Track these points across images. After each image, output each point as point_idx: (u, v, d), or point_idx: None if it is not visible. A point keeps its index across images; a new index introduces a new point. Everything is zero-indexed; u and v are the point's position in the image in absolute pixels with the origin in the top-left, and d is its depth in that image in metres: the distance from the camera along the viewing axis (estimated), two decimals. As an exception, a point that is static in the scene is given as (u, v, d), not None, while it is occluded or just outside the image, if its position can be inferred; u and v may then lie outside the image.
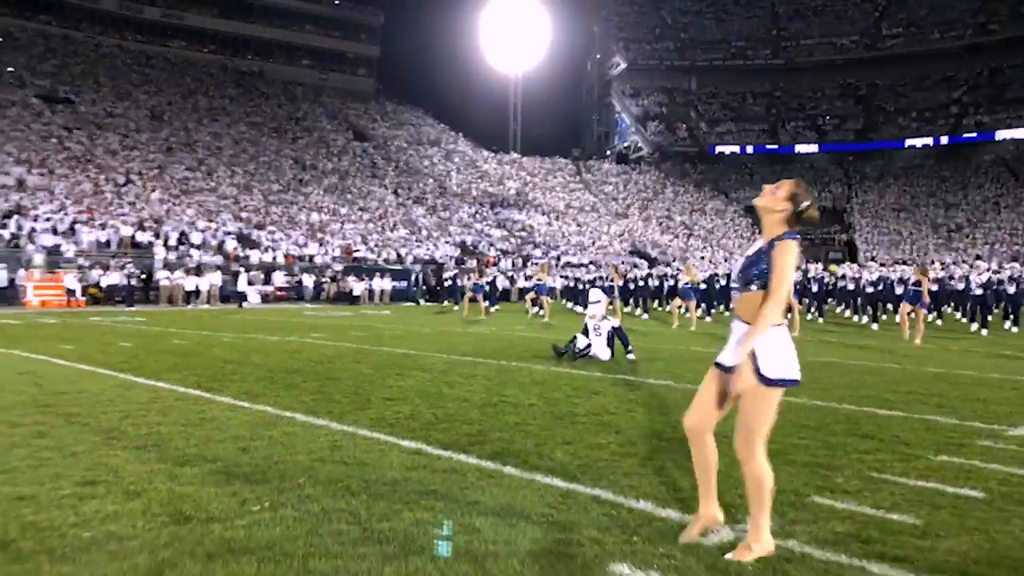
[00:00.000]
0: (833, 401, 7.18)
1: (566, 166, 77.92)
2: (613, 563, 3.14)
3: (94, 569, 3.01)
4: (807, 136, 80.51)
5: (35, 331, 15.32)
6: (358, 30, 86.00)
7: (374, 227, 47.71)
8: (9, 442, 5.19)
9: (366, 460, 4.74)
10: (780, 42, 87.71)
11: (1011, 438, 5.67)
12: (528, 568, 3.07)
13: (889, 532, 3.56)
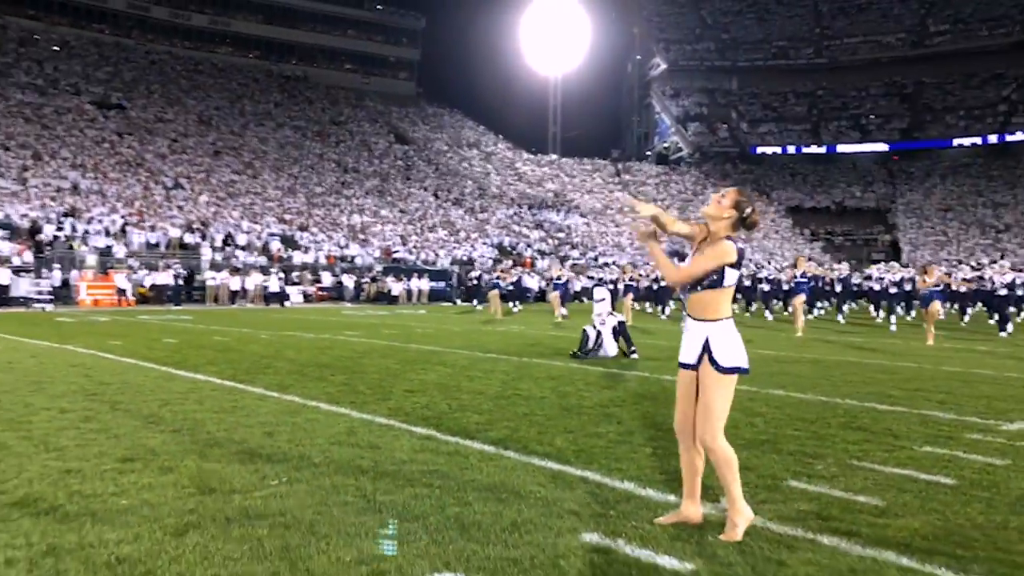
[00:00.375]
0: (837, 397, 7.41)
1: (605, 167, 77.97)
2: (586, 532, 3.48)
3: (128, 529, 3.45)
4: (850, 136, 79.41)
5: (87, 328, 16.10)
6: (399, 34, 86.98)
7: (413, 228, 48.41)
8: (60, 425, 5.71)
9: (379, 444, 5.15)
10: (823, 41, 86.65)
11: (1002, 432, 5.86)
12: (508, 534, 3.43)
13: (850, 511, 3.84)
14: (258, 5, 78.10)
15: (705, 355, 3.55)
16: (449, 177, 63.10)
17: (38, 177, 38.24)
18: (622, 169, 78.07)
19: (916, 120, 77.63)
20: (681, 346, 3.71)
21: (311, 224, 44.15)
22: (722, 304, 3.62)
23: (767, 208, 70.38)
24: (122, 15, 71.56)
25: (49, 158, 41.50)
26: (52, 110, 49.75)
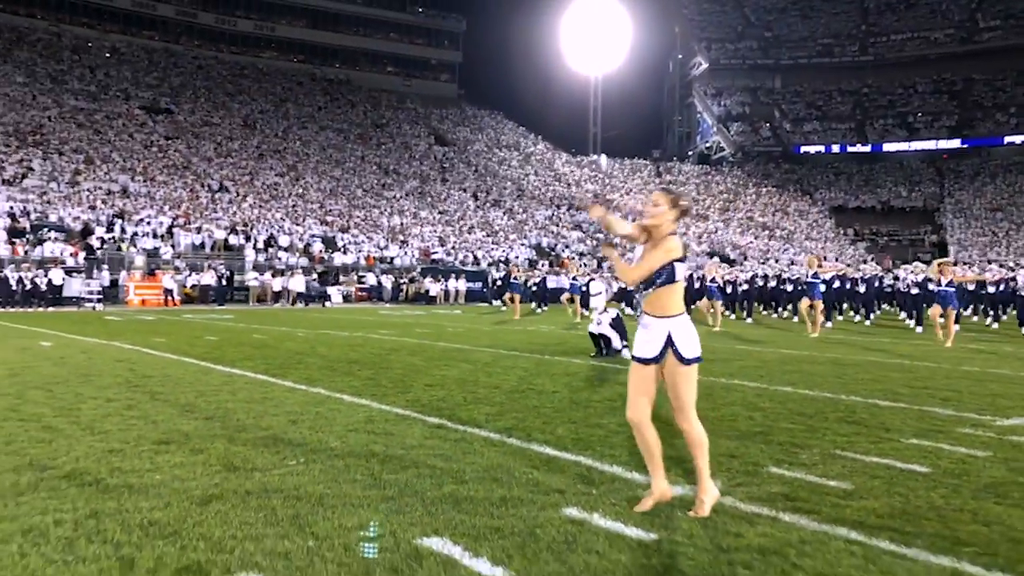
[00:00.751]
0: (843, 394, 7.63)
1: (645, 167, 77.81)
2: (567, 507, 3.83)
3: (160, 499, 3.89)
4: (897, 134, 78.11)
5: (133, 326, 16.85)
6: (441, 37, 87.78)
7: (452, 230, 49.00)
8: (105, 412, 6.23)
9: (392, 431, 5.56)
10: (869, 38, 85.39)
11: (994, 427, 6.06)
12: (495, 508, 3.79)
13: (817, 494, 4.13)
14: (302, 9, 79.46)
15: (670, 349, 3.85)
16: (488, 178, 63.63)
17: (90, 180, 39.61)
18: (663, 169, 77.84)
19: (965, 118, 76.09)
20: (636, 342, 3.99)
21: (351, 226, 44.98)
22: (678, 299, 3.92)
23: (809, 208, 69.66)
24: (171, 22, 73.42)
25: (100, 162, 42.94)
26: (103, 115, 51.39)
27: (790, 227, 64.80)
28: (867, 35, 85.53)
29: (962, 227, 63.25)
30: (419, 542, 3.31)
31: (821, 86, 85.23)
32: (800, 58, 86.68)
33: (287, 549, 3.19)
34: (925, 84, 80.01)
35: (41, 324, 17.14)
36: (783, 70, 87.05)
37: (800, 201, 70.97)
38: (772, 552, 3.25)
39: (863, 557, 3.22)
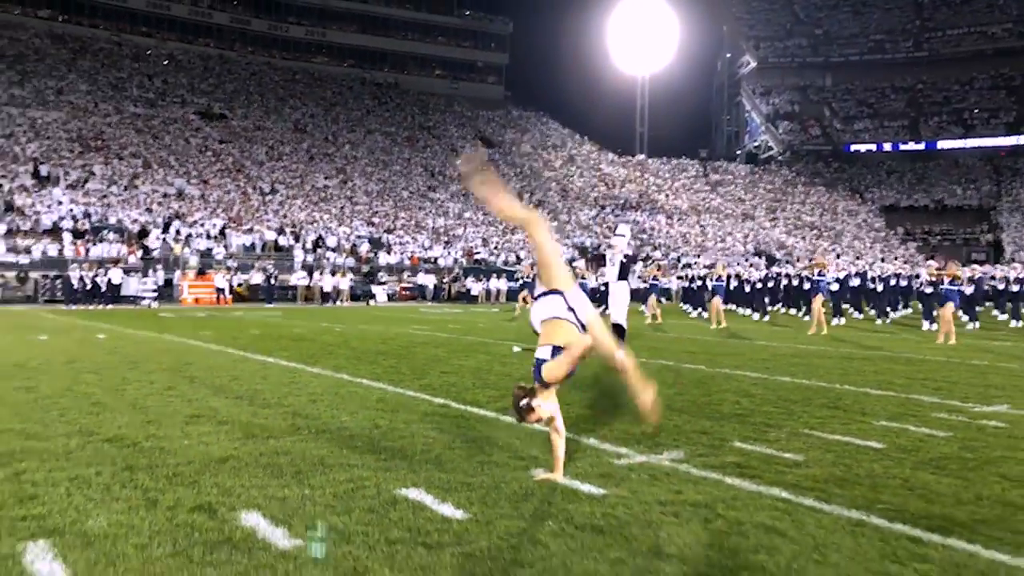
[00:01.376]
0: (837, 383, 7.98)
1: (692, 167, 77.51)
2: (535, 469, 4.34)
3: (185, 457, 4.51)
4: (952, 132, 76.46)
5: (184, 322, 17.80)
6: (488, 39, 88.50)
7: (495, 230, 49.64)
8: (147, 392, 6.93)
9: (399, 409, 6.13)
10: (923, 33, 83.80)
11: (970, 412, 6.38)
12: (473, 468, 4.33)
13: (768, 463, 4.57)
14: (352, 15, 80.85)
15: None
16: (532, 179, 64.17)
17: (147, 184, 41.23)
18: (709, 169, 77.45)
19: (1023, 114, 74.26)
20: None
21: (397, 227, 45.94)
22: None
23: (858, 208, 68.69)
24: (225, 29, 75.44)
25: (157, 166, 44.62)
26: (160, 121, 53.28)
27: (838, 227, 64.00)
28: (921, 30, 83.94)
29: (1019, 226, 61.76)
30: (397, 492, 3.86)
31: (873, 83, 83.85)
32: (851, 55, 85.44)
33: (285, 495, 3.77)
34: (982, 80, 78.17)
35: (98, 320, 18.20)
36: (833, 68, 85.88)
37: (850, 200, 70.00)
38: (703, 505, 3.72)
39: (783, 511, 3.67)
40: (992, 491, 4.05)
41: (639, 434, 5.26)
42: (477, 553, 3.04)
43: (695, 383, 7.85)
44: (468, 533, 3.30)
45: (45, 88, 51.58)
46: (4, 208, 33.01)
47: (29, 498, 3.67)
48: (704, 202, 67.61)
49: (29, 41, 59.24)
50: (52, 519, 3.39)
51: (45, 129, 44.91)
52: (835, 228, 63.50)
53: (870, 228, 65.08)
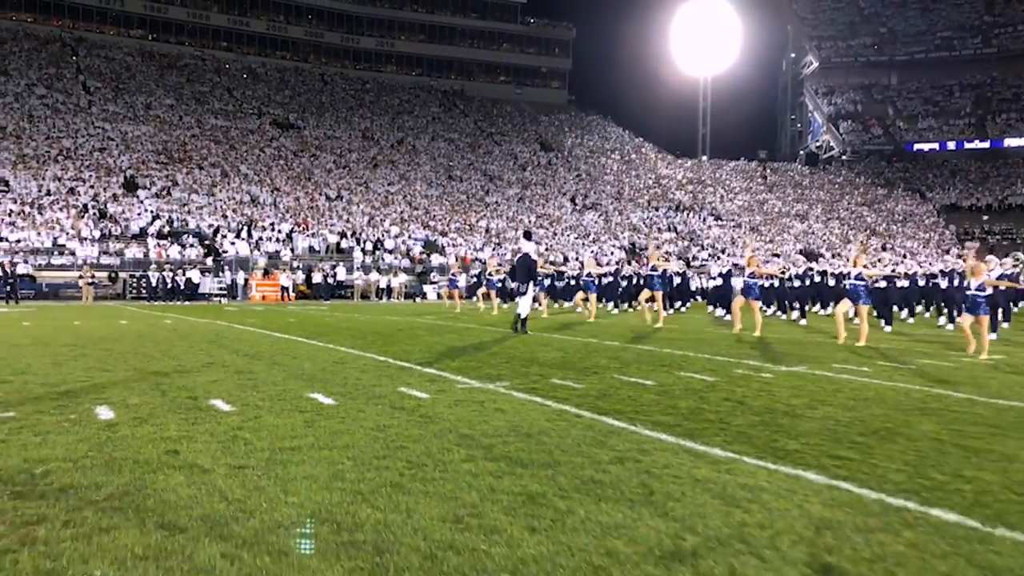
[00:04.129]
0: (688, 351, 10.24)
1: (750, 168, 78.32)
2: (401, 387, 6.88)
3: (196, 382, 7.20)
4: (1020, 129, 75.32)
5: (239, 313, 20.94)
6: (552, 45, 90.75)
7: (546, 232, 52.07)
8: (185, 351, 9.76)
9: (347, 362, 8.75)
10: (993, 29, 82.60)
11: (767, 369, 8.60)
12: (360, 385, 6.89)
13: (557, 389, 6.97)
14: (420, 25, 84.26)
15: None
16: (588, 182, 66.33)
17: (224, 192, 45.22)
18: (767, 170, 78.12)
19: (1096, 109, 72.70)
20: None
21: (452, 229, 48.88)
22: None
23: (917, 207, 68.51)
24: (300, 42, 79.84)
25: (234, 175, 48.68)
26: (238, 132, 57.62)
27: (892, 226, 64.11)
28: (991, 26, 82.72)
29: (1082, 225, 60.84)
30: (305, 394, 6.48)
31: (940, 81, 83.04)
32: (917, 53, 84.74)
33: (259, 398, 6.40)
34: (1055, 75, 76.75)
35: (170, 312, 21.51)
36: (899, 66, 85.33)
37: (909, 200, 69.84)
38: (499, 408, 6.16)
39: (550, 411, 6.08)
40: (692, 404, 6.37)
41: (490, 374, 7.74)
42: (333, 416, 5.60)
43: (577, 350, 10.23)
44: (331, 408, 5.88)
45: (136, 103, 56.44)
46: (99, 216, 37.19)
47: (102, 395, 6.42)
48: (758, 202, 68.56)
49: (123, 60, 64.51)
50: (110, 400, 6.11)
51: (135, 142, 49.49)
52: (889, 227, 63.62)
53: (926, 227, 64.94)
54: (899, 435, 5.32)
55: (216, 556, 2.95)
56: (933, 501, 3.81)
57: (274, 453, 4.51)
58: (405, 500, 3.67)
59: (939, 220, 66.23)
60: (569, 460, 4.49)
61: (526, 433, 5.18)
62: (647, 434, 5.25)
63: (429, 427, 5.32)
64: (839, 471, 4.34)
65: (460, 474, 4.14)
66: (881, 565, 2.99)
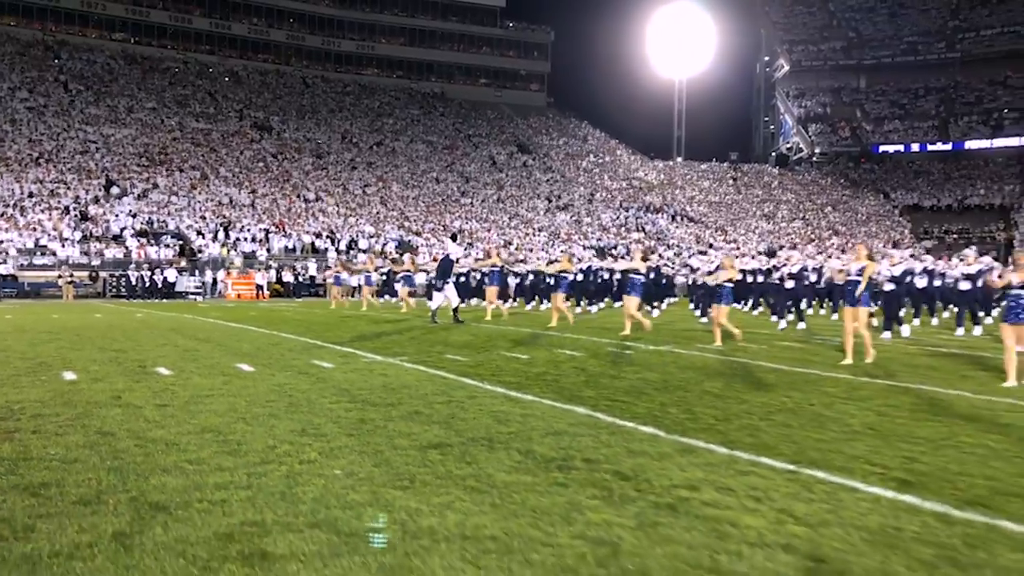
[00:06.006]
0: (567, 332, 11.91)
1: (722, 169, 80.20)
2: (312, 360, 8.51)
3: (145, 355, 8.80)
4: (980, 132, 77.45)
5: (209, 308, 22.49)
6: (531, 49, 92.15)
7: (516, 233, 53.72)
8: (147, 337, 11.35)
9: (279, 344, 10.37)
10: (957, 34, 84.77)
11: (650, 351, 10.27)
12: (272, 355, 8.51)
13: (454, 364, 8.62)
14: (401, 29, 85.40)
15: None
16: (564, 184, 67.99)
17: (203, 194, 46.61)
18: (738, 171, 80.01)
19: (1054, 113, 74.90)
20: None
21: (426, 230, 50.45)
22: None
23: (880, 207, 70.56)
24: (282, 45, 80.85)
25: (213, 177, 50.05)
26: (219, 134, 58.92)
27: (856, 226, 66.09)
28: (955, 32, 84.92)
29: (1035, 224, 62.97)
30: (232, 364, 8.11)
31: (906, 84, 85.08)
32: (884, 57, 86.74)
33: (195, 367, 8.01)
34: (1015, 79, 78.86)
35: (145, 308, 23.01)
36: (867, 70, 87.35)
37: (873, 200, 71.88)
38: (377, 371, 7.80)
39: (423, 375, 7.72)
40: (543, 370, 8.01)
41: (396, 352, 9.39)
42: (248, 378, 7.21)
43: (489, 335, 11.90)
44: (249, 373, 7.51)
45: (118, 106, 57.69)
46: (80, 217, 38.55)
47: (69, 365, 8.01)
48: (726, 203, 70.45)
49: (104, 63, 65.64)
50: (75, 368, 7.71)
51: (116, 145, 50.79)
52: (851, 226, 65.62)
53: (891, 226, 66.97)
54: (682, 389, 7.00)
55: (132, 447, 4.58)
56: (650, 422, 5.48)
57: (192, 399, 6.14)
58: (272, 422, 5.31)
59: (900, 220, 68.26)
60: (409, 401, 6.15)
61: (392, 388, 6.84)
62: (486, 387, 6.92)
63: (318, 385, 6.97)
64: (607, 408, 6.00)
65: (322, 409, 5.79)
66: (577, 452, 4.65)
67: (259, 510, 3.44)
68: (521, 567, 2.86)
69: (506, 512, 3.47)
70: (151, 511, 3.40)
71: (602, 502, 3.64)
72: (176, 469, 4.09)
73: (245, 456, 4.38)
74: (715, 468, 4.29)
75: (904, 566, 2.93)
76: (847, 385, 7.47)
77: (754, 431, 5.26)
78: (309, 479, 3.93)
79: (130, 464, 4.17)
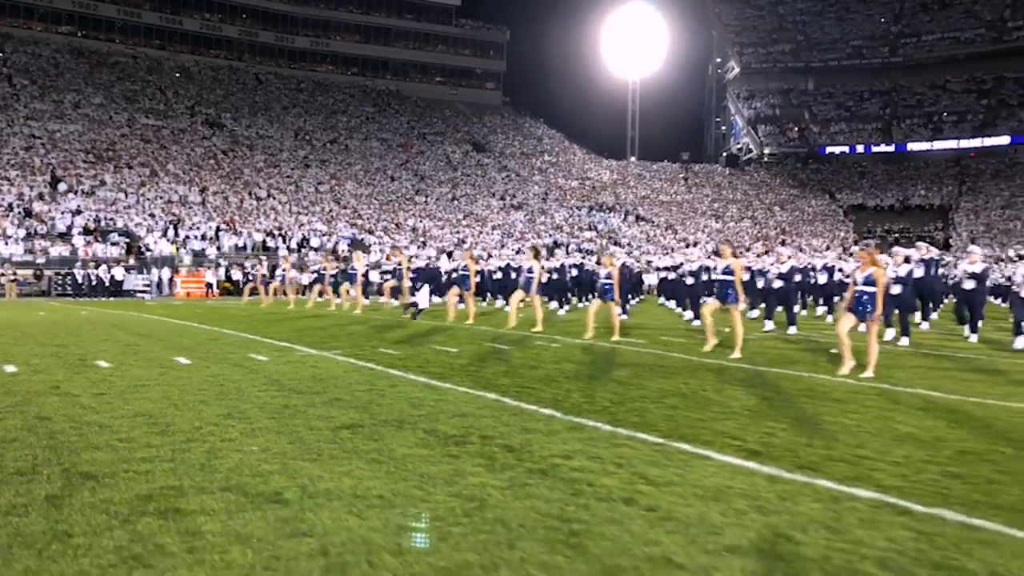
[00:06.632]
0: (482, 326, 12.49)
1: (673, 169, 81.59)
2: (247, 354, 8.93)
3: (85, 349, 9.14)
4: (922, 134, 79.91)
5: (155, 307, 22.60)
6: (487, 48, 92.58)
7: (471, 231, 54.18)
8: (90, 333, 11.65)
9: (218, 339, 10.75)
10: (900, 39, 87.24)
11: (566, 344, 10.86)
12: (210, 349, 8.92)
13: (383, 356, 9.12)
14: (356, 26, 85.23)
15: None
16: (517, 182, 68.63)
17: (153, 191, 46.22)
18: (688, 171, 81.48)
19: (991, 117, 77.57)
20: None
21: (379, 228, 50.65)
22: None
23: (826, 207, 72.47)
24: (235, 41, 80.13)
25: (163, 174, 49.63)
26: (169, 131, 58.34)
27: (802, 225, 67.85)
28: (898, 36, 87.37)
29: (971, 224, 65.31)
30: (170, 357, 8.49)
31: (852, 87, 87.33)
32: (831, 60, 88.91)
33: (134, 360, 8.38)
34: (954, 84, 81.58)
35: (90, 306, 23.03)
36: (815, 73, 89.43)
37: (819, 200, 73.79)
38: (309, 363, 8.26)
39: (352, 367, 8.19)
40: (466, 362, 8.53)
41: (330, 345, 9.85)
42: (184, 369, 7.62)
43: (427, 330, 12.42)
44: (186, 365, 7.91)
45: (64, 101, 56.80)
46: (24, 214, 38.06)
47: (10, 358, 8.33)
48: (677, 202, 71.77)
49: (50, 57, 64.49)
50: (16, 361, 8.03)
51: (63, 141, 50.07)
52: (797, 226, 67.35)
53: (836, 226, 68.84)
54: (592, 378, 7.59)
55: (67, 428, 5.01)
56: (550, 405, 6.05)
57: (128, 388, 6.55)
58: (202, 408, 5.76)
59: (844, 219, 70.20)
60: (333, 390, 6.64)
61: (320, 378, 7.31)
62: (410, 377, 7.44)
63: (250, 376, 7.41)
64: (516, 394, 6.55)
65: (250, 397, 6.25)
66: (476, 431, 5.19)
67: (179, 477, 3.92)
68: (397, 517, 3.39)
69: (397, 478, 4.00)
70: (81, 479, 3.86)
71: (484, 469, 4.19)
72: (107, 446, 4.53)
73: (172, 436, 4.83)
74: (594, 442, 4.86)
75: (719, 513, 3.53)
76: (746, 373, 8.15)
77: (642, 412, 5.86)
78: (227, 454, 4.41)
79: (64, 443, 4.60)
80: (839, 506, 3.66)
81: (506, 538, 3.16)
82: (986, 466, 4.45)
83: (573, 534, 3.22)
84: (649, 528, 3.32)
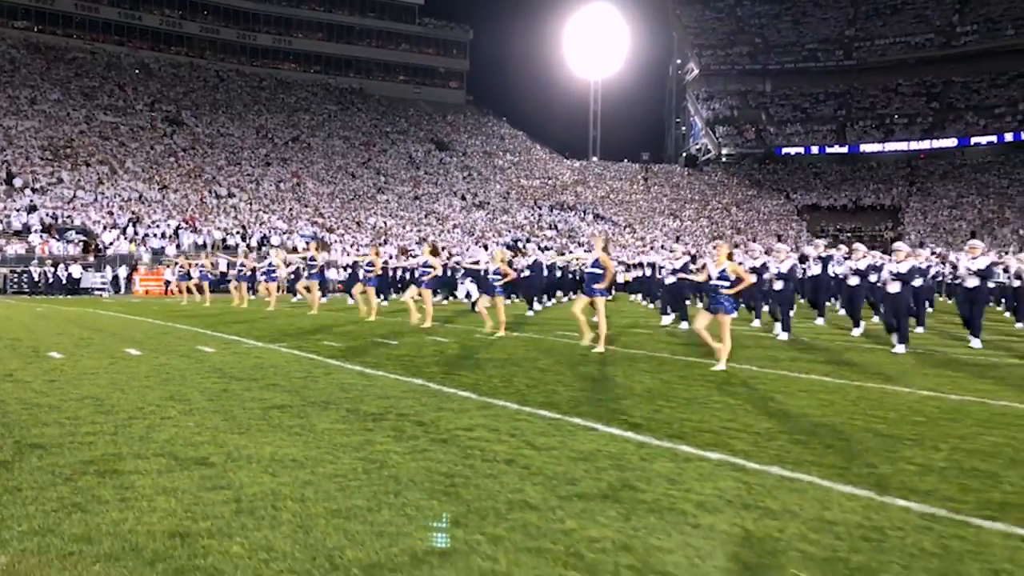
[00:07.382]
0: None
1: (633, 169, 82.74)
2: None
3: (40, 343, 9.55)
4: (874, 136, 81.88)
5: (111, 304, 22.80)
6: (450, 46, 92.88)
7: (432, 230, 54.64)
8: (44, 328, 12.00)
9: (168, 332, 11.20)
10: (854, 43, 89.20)
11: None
12: (163, 342, 9.40)
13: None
14: (319, 24, 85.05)
15: None
16: (479, 181, 69.20)
17: (111, 189, 46.01)
18: (648, 171, 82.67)
19: (939, 119, 79.74)
20: None
21: (340, 226, 50.90)
22: None
23: (782, 207, 74.06)
24: (196, 38, 79.50)
25: (122, 172, 49.38)
26: (128, 128, 57.93)
27: (757, 224, 69.34)
28: (852, 40, 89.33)
29: (921, 224, 67.27)
30: (121, 349, 8.95)
31: (808, 89, 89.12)
32: (787, 63, 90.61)
33: (86, 352, 8.82)
34: (905, 87, 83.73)
35: (46, 303, 23.18)
36: (772, 75, 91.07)
37: (774, 200, 75.36)
38: (253, 354, 8.77)
39: (294, 357, 8.72)
40: (406, 352, 9.10)
41: (276, 339, 10.35)
42: (133, 359, 8.09)
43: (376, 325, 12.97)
44: (135, 356, 8.39)
45: (20, 97, 56.13)
46: (-21, 211, 37.77)
47: (-39, 350, 8.73)
48: (636, 202, 72.87)
49: (6, 52, 63.58)
50: (-31, 353, 8.46)
51: (18, 137, 49.55)
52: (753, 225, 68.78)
53: (790, 225, 70.40)
54: (516, 365, 8.21)
55: (19, 410, 5.50)
56: (469, 389, 6.66)
57: (78, 376, 7.04)
58: (147, 392, 6.28)
59: (799, 219, 71.81)
60: (272, 377, 7.18)
61: (262, 367, 7.85)
62: (346, 367, 8.00)
63: (196, 365, 7.92)
64: (441, 380, 7.14)
65: (194, 383, 6.77)
66: (394, 410, 5.78)
67: (118, 447, 4.46)
68: (306, 475, 3.98)
69: (312, 446, 4.58)
70: (30, 449, 4.38)
71: (392, 440, 4.78)
72: (55, 424, 5.05)
73: (116, 415, 5.36)
74: (498, 418, 5.48)
75: (583, 471, 4.17)
76: (659, 361, 8.83)
77: (550, 394, 6.49)
78: (165, 428, 4.95)
79: (16, 421, 5.11)
80: (688, 464, 4.32)
81: (394, 488, 3.76)
82: (832, 436, 5.15)
83: (452, 485, 3.84)
84: (519, 480, 3.94)
